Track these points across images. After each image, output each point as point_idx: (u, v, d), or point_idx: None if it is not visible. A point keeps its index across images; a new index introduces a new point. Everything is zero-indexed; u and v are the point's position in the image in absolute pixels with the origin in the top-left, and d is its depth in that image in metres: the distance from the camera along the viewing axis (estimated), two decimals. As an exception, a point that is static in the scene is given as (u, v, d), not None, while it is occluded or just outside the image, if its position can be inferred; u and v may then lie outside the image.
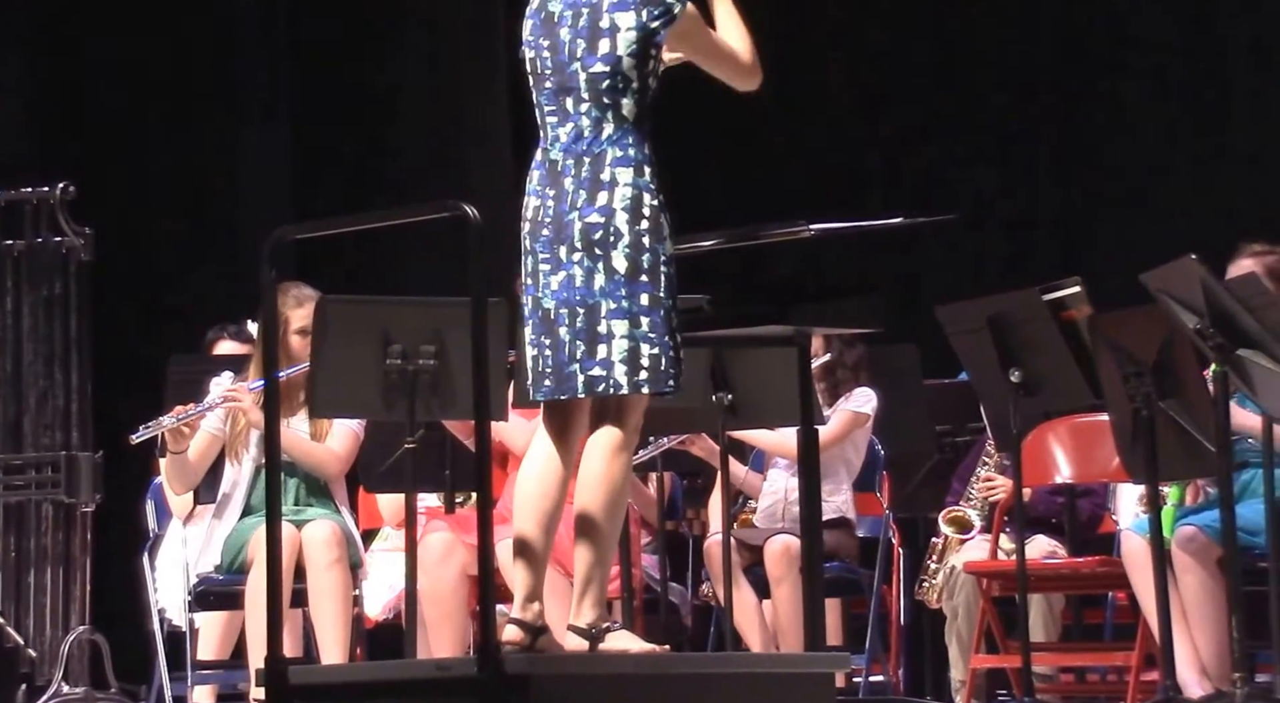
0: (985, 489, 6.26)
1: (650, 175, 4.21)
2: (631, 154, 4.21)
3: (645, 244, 4.17)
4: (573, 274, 4.19)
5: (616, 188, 4.19)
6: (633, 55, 4.21)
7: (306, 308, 5.73)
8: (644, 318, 4.16)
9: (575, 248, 4.19)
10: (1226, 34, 7.92)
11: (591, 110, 4.23)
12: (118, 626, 6.16)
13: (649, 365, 4.16)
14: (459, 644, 5.66)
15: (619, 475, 4.19)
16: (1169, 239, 5.94)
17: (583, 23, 4.23)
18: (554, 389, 4.24)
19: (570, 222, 4.20)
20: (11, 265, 5.89)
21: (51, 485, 5.82)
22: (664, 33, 4.22)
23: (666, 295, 4.18)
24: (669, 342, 4.17)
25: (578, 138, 4.23)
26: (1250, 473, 5.36)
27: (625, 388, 4.17)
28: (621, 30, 4.21)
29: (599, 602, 4.21)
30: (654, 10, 4.21)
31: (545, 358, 4.25)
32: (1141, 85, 8.03)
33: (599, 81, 4.22)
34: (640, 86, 4.22)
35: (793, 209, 4.68)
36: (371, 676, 4.41)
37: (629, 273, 4.16)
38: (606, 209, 4.18)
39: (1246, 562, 5.13)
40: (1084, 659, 6.24)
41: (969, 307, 5.55)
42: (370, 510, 6.60)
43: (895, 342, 6.37)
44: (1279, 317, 4.92)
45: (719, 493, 5.91)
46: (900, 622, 6.42)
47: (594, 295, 4.18)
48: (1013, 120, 8.21)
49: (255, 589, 5.58)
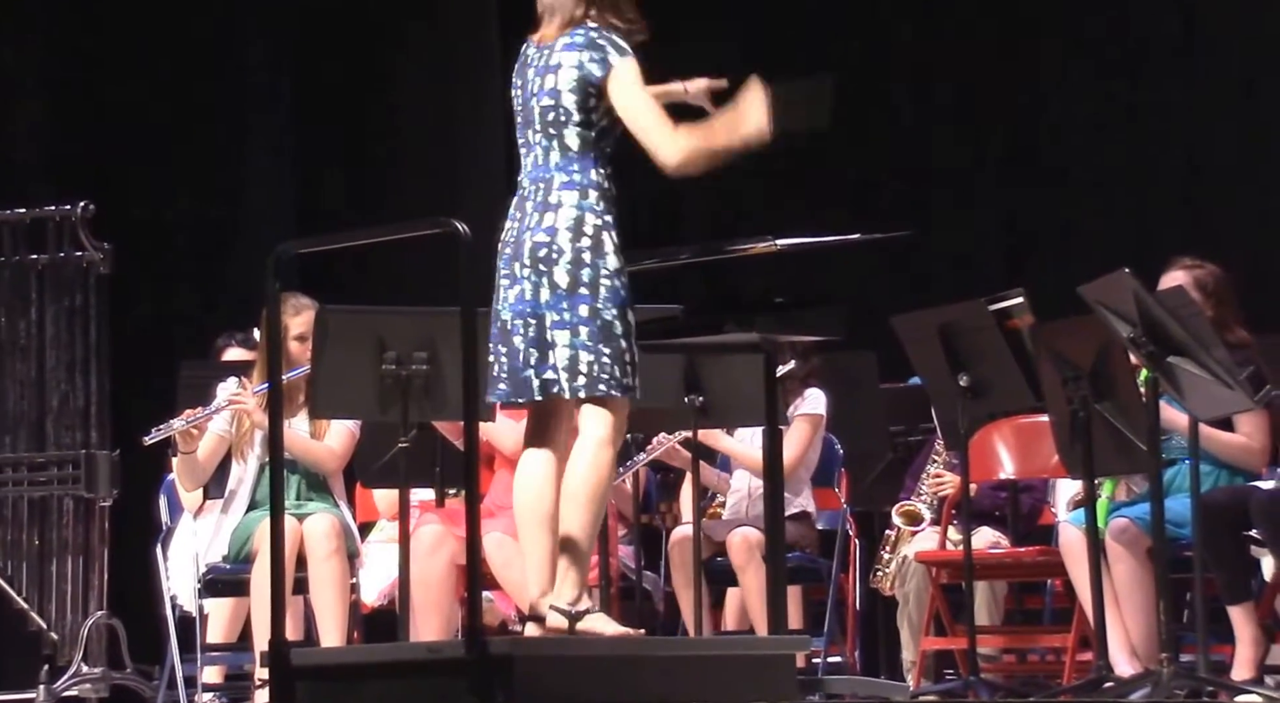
0: (935, 485, 6.27)
1: (596, 198, 4.25)
2: (577, 179, 4.26)
3: (585, 260, 4.21)
4: (524, 288, 4.26)
5: (561, 209, 4.25)
6: (572, 92, 4.27)
7: (304, 316, 5.76)
8: (582, 328, 4.20)
9: (525, 264, 4.25)
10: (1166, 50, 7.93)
11: (541, 140, 4.31)
12: (133, 611, 6.15)
13: (586, 371, 4.20)
14: (448, 628, 5.66)
15: (602, 471, 4.22)
16: (1105, 253, 5.97)
17: (542, 62, 4.32)
18: (508, 393, 4.31)
19: (523, 240, 4.27)
20: (36, 278, 5.88)
21: (72, 482, 5.81)
22: (597, 76, 4.25)
23: (607, 306, 4.21)
24: (606, 349, 4.20)
25: (535, 165, 4.31)
26: (1176, 469, 5.38)
27: (566, 392, 4.22)
28: (564, 68, 4.28)
29: (578, 585, 4.23)
30: (594, 55, 4.26)
31: (502, 365, 4.31)
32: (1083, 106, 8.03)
33: (545, 114, 4.29)
34: (584, 120, 4.27)
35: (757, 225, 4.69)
36: (367, 657, 4.41)
37: (569, 287, 4.21)
38: (551, 229, 4.24)
39: (1173, 552, 5.14)
40: (1025, 641, 6.26)
41: (921, 316, 5.55)
42: (367, 504, 6.59)
43: (853, 349, 6.37)
44: (1205, 326, 4.94)
45: (689, 487, 5.92)
46: (856, 607, 6.43)
47: (541, 308, 4.23)
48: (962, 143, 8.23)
49: (260, 578, 5.58)
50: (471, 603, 4.12)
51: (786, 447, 5.43)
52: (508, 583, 5.63)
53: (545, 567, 4.24)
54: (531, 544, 4.26)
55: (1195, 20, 7.86)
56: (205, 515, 6.03)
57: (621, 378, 4.22)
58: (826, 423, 6.23)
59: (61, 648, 5.81)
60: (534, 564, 4.25)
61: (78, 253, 5.85)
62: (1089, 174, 8.00)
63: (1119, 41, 7.99)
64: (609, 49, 4.26)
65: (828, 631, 6.16)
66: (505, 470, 5.90)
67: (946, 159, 8.21)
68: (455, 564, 5.65)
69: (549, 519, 4.24)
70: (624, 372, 4.23)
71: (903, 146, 8.23)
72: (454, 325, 4.17)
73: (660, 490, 6.85)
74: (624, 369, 4.23)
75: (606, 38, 4.27)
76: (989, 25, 8.14)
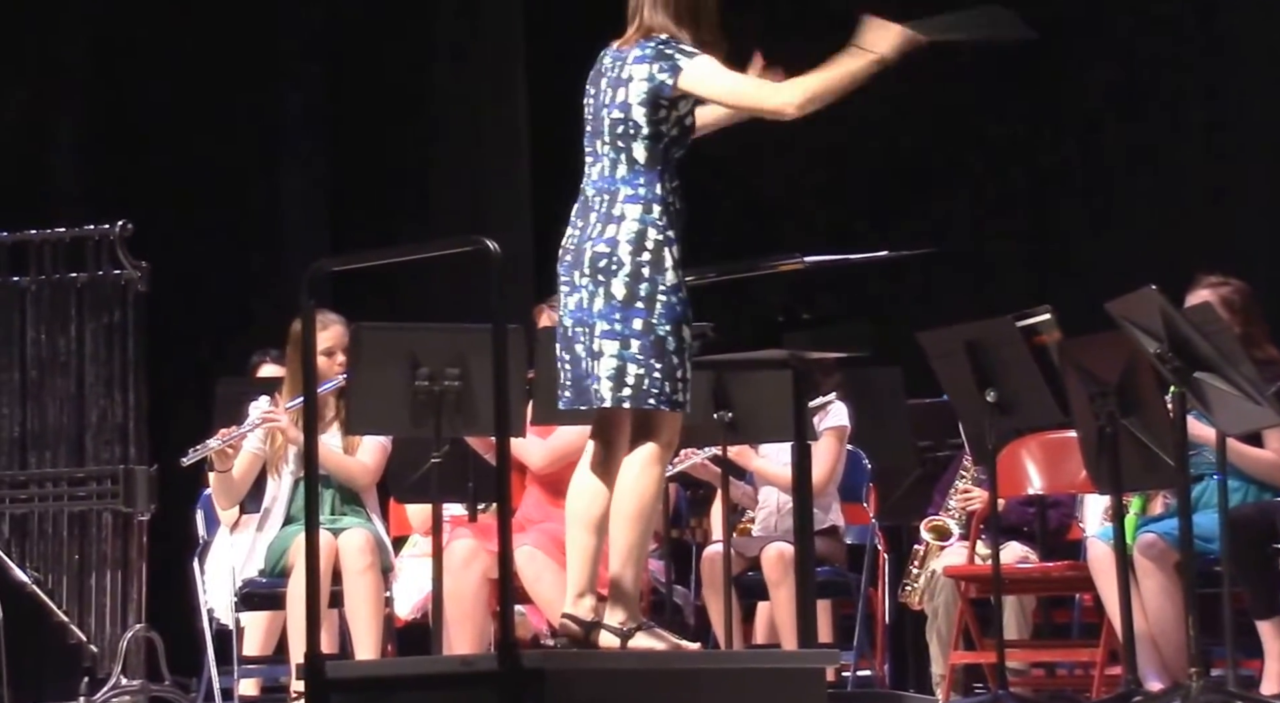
0: (963, 500, 6.25)
1: (659, 213, 4.23)
2: (642, 193, 4.23)
3: (644, 274, 4.19)
4: (581, 297, 4.24)
5: (624, 222, 4.22)
6: (642, 104, 4.24)
7: (330, 330, 5.79)
8: (634, 341, 4.18)
9: (585, 273, 4.23)
10: (1190, 72, 7.90)
11: (610, 151, 4.28)
12: (171, 624, 6.15)
13: (633, 384, 4.18)
14: (480, 642, 5.66)
15: (650, 488, 4.20)
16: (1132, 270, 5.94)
17: (615, 73, 4.29)
18: (574, 400, 4.29)
19: (584, 249, 4.24)
20: (75, 296, 5.90)
21: (111, 496, 5.82)
22: (669, 85, 4.23)
23: (662, 322, 4.19)
24: (657, 364, 4.18)
25: (601, 175, 4.28)
26: (1204, 484, 5.36)
27: (608, 401, 4.20)
28: (635, 81, 4.26)
29: (629, 604, 4.22)
30: (663, 65, 4.24)
31: (566, 371, 4.30)
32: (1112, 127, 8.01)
33: (615, 126, 4.27)
34: (652, 133, 4.24)
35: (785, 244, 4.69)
36: (401, 670, 4.41)
37: (625, 299, 4.19)
38: (612, 240, 4.22)
39: (1201, 566, 5.11)
40: (1053, 655, 6.22)
41: (948, 333, 5.54)
42: (400, 519, 6.59)
43: (881, 365, 6.36)
44: (1232, 342, 4.91)
45: (719, 504, 5.91)
46: (885, 621, 6.41)
47: (593, 317, 4.21)
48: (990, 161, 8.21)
49: (295, 592, 5.58)
50: (504, 616, 4.12)
51: (816, 463, 5.41)
52: (539, 597, 5.63)
53: (585, 569, 4.23)
54: (575, 546, 4.26)
55: (1224, 33, 7.83)
56: (241, 530, 6.05)
57: (672, 394, 4.20)
58: (852, 436, 6.21)
59: (101, 661, 5.82)
60: (574, 566, 4.25)
61: (116, 271, 5.87)
62: (1117, 190, 7.97)
63: (1147, 56, 7.97)
64: (677, 56, 4.23)
65: (857, 645, 6.14)
66: (535, 486, 5.91)
67: (974, 174, 8.19)
68: (487, 578, 5.65)
69: (596, 524, 4.23)
70: (674, 388, 4.20)
71: (930, 161, 8.21)
72: (486, 342, 4.16)
73: (690, 506, 6.84)
74: (674, 385, 4.20)
75: (674, 46, 4.24)
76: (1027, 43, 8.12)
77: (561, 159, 4.96)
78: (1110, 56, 8.03)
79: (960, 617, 5.88)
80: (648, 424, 4.22)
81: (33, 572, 5.83)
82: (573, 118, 4.47)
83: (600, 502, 4.25)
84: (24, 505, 5.86)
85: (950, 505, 6.28)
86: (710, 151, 4.53)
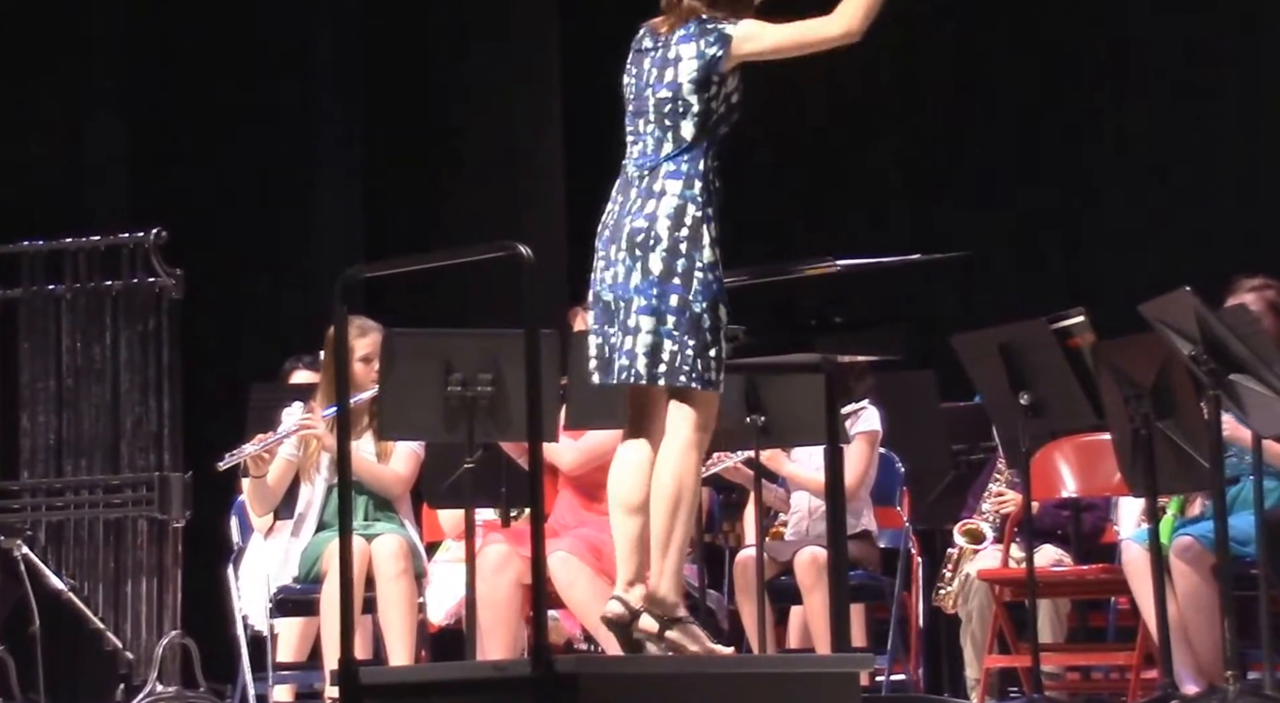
0: (997, 503, 6.22)
1: (700, 189, 4.21)
2: (685, 169, 4.21)
3: (681, 250, 4.17)
4: (617, 271, 4.21)
5: (664, 198, 4.20)
6: (693, 82, 4.22)
7: (368, 338, 5.78)
8: (670, 317, 4.15)
9: (622, 248, 4.21)
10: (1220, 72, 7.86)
11: (655, 130, 4.25)
12: (206, 631, 6.16)
13: (668, 360, 4.14)
14: (514, 647, 5.65)
15: (689, 474, 4.15)
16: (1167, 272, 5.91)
17: (659, 54, 4.28)
18: (600, 376, 4.26)
19: (624, 224, 4.22)
20: (110, 303, 5.90)
21: (146, 503, 5.82)
22: (720, 57, 4.22)
23: (699, 299, 4.15)
24: (690, 341, 4.14)
25: (644, 154, 4.26)
26: (1239, 486, 5.32)
27: (645, 379, 4.17)
28: (684, 60, 4.25)
29: (674, 591, 4.16)
30: (710, 39, 4.24)
31: (597, 346, 4.26)
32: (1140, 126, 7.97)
33: (663, 106, 4.25)
34: (701, 111, 4.22)
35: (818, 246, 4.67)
36: (435, 676, 4.40)
37: (662, 274, 4.16)
38: (652, 215, 4.19)
39: (1238, 569, 5.08)
40: (1089, 659, 6.18)
41: (982, 335, 5.51)
42: (433, 524, 6.59)
43: (914, 368, 6.34)
44: (1266, 343, 4.88)
45: (752, 508, 5.89)
46: (919, 625, 6.38)
47: (629, 292, 4.18)
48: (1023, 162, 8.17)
49: (329, 598, 5.58)
50: (537, 622, 4.10)
51: (847, 468, 5.39)
52: (572, 602, 5.61)
53: (633, 557, 4.18)
54: (620, 533, 4.21)
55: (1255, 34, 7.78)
56: (275, 536, 6.05)
57: (704, 372, 4.15)
58: (885, 439, 6.19)
59: (137, 667, 5.82)
60: (622, 554, 4.21)
61: (150, 279, 5.87)
62: (1150, 192, 7.93)
63: (1180, 56, 7.92)
64: (723, 26, 4.22)
65: (891, 649, 6.11)
66: (569, 490, 5.90)
67: (1005, 177, 8.16)
68: (521, 584, 5.64)
69: (639, 510, 4.19)
70: (707, 366, 4.16)
71: (961, 164, 8.18)
72: (518, 347, 4.14)
73: (723, 511, 6.82)
74: (708, 363, 4.16)
75: (715, 21, 4.23)
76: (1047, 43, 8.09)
77: (598, 161, 4.94)
78: (1144, 55, 7.98)
79: (995, 620, 5.85)
80: (682, 404, 4.17)
81: (69, 579, 5.83)
82: (609, 117, 4.46)
83: (641, 484, 4.19)
84: (60, 513, 5.87)
85: (984, 509, 6.25)
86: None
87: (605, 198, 4.39)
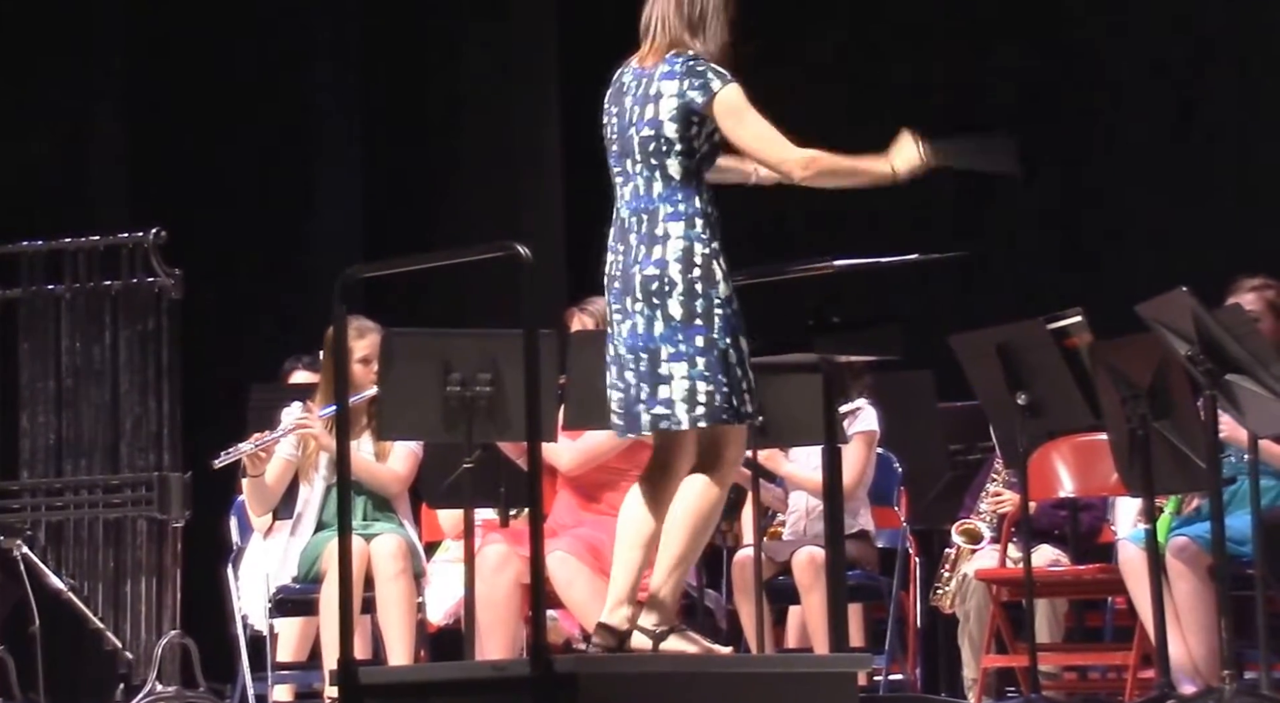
0: (994, 503, 6.23)
1: (702, 226, 4.21)
2: (682, 209, 4.21)
3: (698, 291, 4.18)
4: (636, 322, 4.21)
5: (669, 241, 4.20)
6: (674, 120, 4.22)
7: (367, 339, 5.79)
8: (700, 359, 4.17)
9: (637, 298, 4.21)
10: (1221, 72, 7.86)
11: (643, 170, 4.25)
12: (205, 630, 6.17)
13: (705, 401, 4.17)
14: (513, 647, 5.65)
15: (711, 504, 4.21)
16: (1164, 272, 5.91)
17: (640, 91, 4.26)
18: (623, 428, 4.28)
19: (633, 274, 4.22)
20: (110, 303, 5.91)
21: (145, 503, 5.83)
22: (700, 103, 4.21)
23: (722, 335, 4.18)
24: (724, 378, 4.17)
25: (635, 195, 4.25)
26: (1236, 486, 5.33)
27: (685, 423, 4.19)
28: (665, 97, 4.24)
29: (667, 610, 4.22)
30: (694, 82, 4.22)
31: (619, 400, 4.28)
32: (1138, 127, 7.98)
33: (646, 144, 4.24)
34: (685, 149, 4.22)
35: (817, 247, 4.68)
36: (434, 676, 4.41)
37: (684, 318, 4.17)
38: (661, 262, 4.19)
39: (1234, 569, 5.08)
40: (1086, 659, 6.19)
41: (979, 336, 5.52)
42: (432, 524, 6.60)
43: (912, 368, 6.34)
44: (1263, 343, 4.89)
45: (750, 508, 5.90)
46: (917, 625, 6.38)
47: (655, 341, 4.19)
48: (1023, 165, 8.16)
49: (328, 598, 5.59)
50: (536, 622, 4.11)
51: (844, 467, 5.40)
52: (571, 602, 5.62)
53: (628, 581, 4.21)
54: (620, 561, 4.24)
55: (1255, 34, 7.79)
56: (275, 536, 6.06)
57: (739, 406, 4.20)
58: (882, 439, 6.20)
59: (136, 667, 5.83)
60: (618, 576, 4.23)
61: (150, 279, 5.88)
62: (1150, 192, 7.93)
63: (1179, 56, 7.93)
64: (710, 75, 4.21)
65: (889, 649, 6.12)
66: (567, 490, 5.91)
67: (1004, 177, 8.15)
68: (520, 584, 5.65)
69: (645, 542, 4.22)
70: (740, 400, 4.20)
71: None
72: (517, 346, 4.16)
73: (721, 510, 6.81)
74: (740, 397, 4.20)
75: (705, 64, 4.22)
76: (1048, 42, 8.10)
77: (595, 161, 4.95)
78: (1140, 59, 7.99)
79: (992, 620, 5.86)
80: (716, 441, 4.21)
81: (68, 579, 5.84)
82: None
83: (651, 527, 4.23)
84: (59, 513, 5.88)
85: (981, 509, 6.25)
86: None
87: (605, 198, 4.39)
